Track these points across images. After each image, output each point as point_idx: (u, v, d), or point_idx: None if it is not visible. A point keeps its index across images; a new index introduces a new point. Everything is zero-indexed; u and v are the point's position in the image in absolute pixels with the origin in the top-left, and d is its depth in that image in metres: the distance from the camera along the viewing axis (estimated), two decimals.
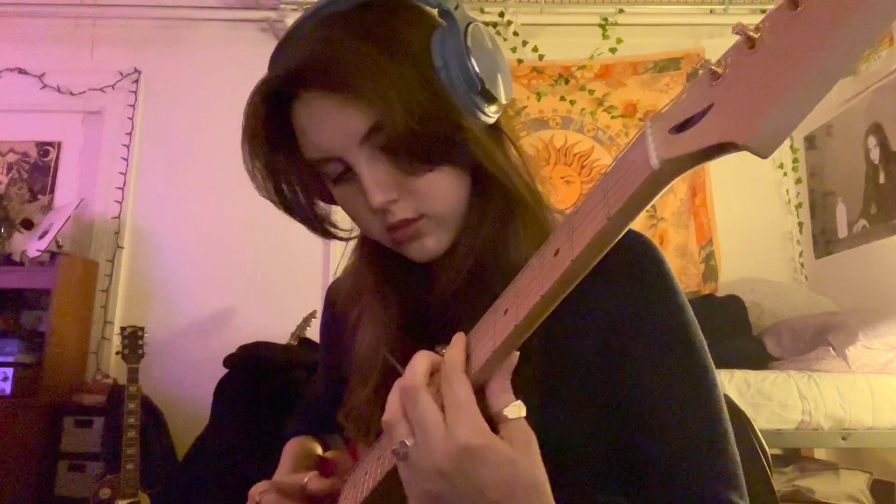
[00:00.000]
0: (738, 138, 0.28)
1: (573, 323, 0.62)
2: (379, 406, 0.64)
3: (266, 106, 0.62)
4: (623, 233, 0.38)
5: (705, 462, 0.56)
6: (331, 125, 0.59)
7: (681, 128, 0.32)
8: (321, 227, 0.71)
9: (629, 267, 0.62)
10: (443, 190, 0.61)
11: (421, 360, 0.49)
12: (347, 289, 0.78)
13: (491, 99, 0.60)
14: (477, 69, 0.58)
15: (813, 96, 0.26)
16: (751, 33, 0.29)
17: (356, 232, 0.73)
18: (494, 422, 0.46)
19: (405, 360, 0.62)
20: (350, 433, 0.70)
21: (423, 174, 0.60)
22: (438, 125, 0.57)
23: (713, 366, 0.61)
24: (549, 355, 0.60)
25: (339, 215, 0.72)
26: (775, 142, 0.27)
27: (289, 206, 0.70)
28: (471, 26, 0.59)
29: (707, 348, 0.61)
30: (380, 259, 0.70)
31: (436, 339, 0.52)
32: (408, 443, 0.46)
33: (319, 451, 0.84)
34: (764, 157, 0.27)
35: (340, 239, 0.74)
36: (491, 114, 0.61)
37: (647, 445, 0.58)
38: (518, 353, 0.47)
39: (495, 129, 0.65)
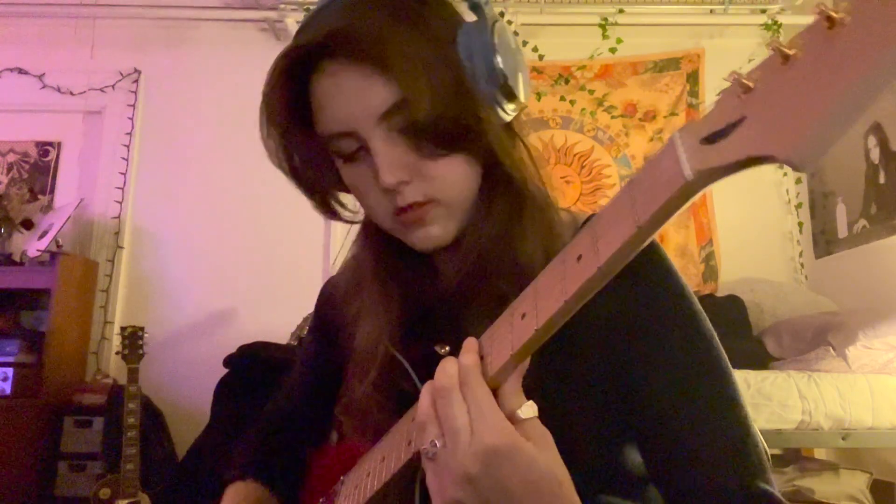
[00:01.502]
0: (777, 152, 0.28)
1: (578, 324, 0.61)
2: (376, 401, 0.64)
3: (288, 75, 0.61)
4: (650, 240, 0.38)
5: (730, 452, 0.56)
6: (352, 98, 0.59)
7: (712, 139, 0.33)
8: (327, 203, 0.70)
9: (636, 268, 0.62)
10: (455, 177, 0.61)
11: (451, 362, 0.49)
12: (346, 282, 0.76)
13: (511, 96, 0.61)
14: (501, 65, 0.59)
15: (854, 114, 0.26)
16: (786, 50, 0.29)
17: (360, 217, 0.72)
18: (510, 423, 0.46)
19: (405, 353, 0.62)
20: (347, 429, 0.69)
21: (437, 159, 0.60)
22: (460, 111, 0.58)
23: (726, 357, 0.60)
24: (553, 354, 0.59)
25: (344, 199, 0.72)
26: (816, 156, 0.27)
27: (298, 177, 0.68)
28: (497, 24, 0.60)
29: (718, 341, 0.61)
30: (383, 249, 0.69)
31: (438, 333, 0.51)
32: (437, 444, 0.46)
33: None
34: (804, 171, 0.28)
35: (344, 221, 0.73)
36: (509, 111, 0.62)
37: (668, 441, 0.57)
38: (529, 357, 0.47)
39: (510, 127, 0.65)
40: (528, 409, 0.47)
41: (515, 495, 0.44)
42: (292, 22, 3.05)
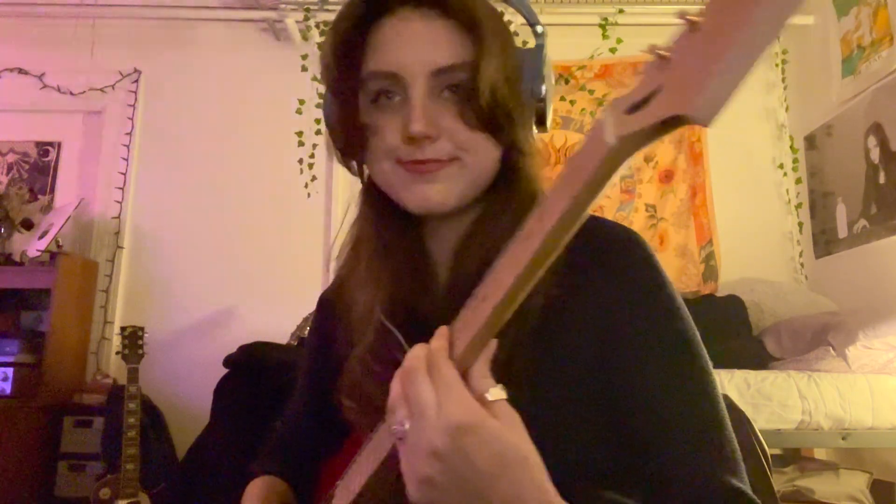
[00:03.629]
0: (682, 110, 0.31)
1: (566, 318, 0.63)
2: (373, 372, 0.65)
3: (364, 7, 0.65)
4: (588, 210, 0.40)
5: (704, 449, 0.57)
6: (418, 44, 0.63)
7: (634, 108, 0.35)
8: (351, 143, 0.68)
9: (619, 263, 0.64)
10: (482, 150, 0.64)
11: (420, 346, 0.50)
12: (345, 258, 0.76)
13: (542, 120, 0.67)
14: (544, 90, 0.66)
15: (742, 67, 0.30)
16: (692, 17, 0.32)
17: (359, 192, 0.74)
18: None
19: (401, 333, 0.63)
20: (350, 415, 0.69)
21: (473, 130, 0.63)
22: (509, 99, 0.62)
23: (706, 353, 0.62)
24: (542, 349, 0.61)
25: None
26: (714, 111, 0.30)
27: (336, 104, 0.68)
28: (547, 57, 0.67)
29: (699, 337, 0.62)
30: (383, 220, 0.70)
31: (435, 326, 0.52)
32: (406, 424, 0.48)
33: (284, 491, 0.81)
34: (705, 125, 0.31)
35: (351, 171, 0.72)
36: (535, 132, 0.69)
37: (643, 435, 0.59)
38: (496, 340, 0.49)
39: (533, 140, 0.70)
40: (497, 392, 0.48)
41: (484, 470, 0.45)
42: (292, 22, 3.05)
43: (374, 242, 0.70)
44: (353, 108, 0.66)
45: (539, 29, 0.68)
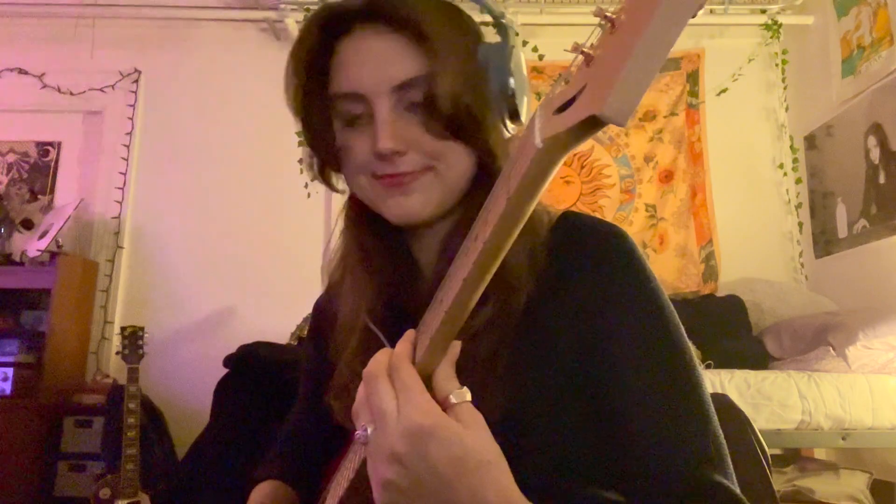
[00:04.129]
0: (596, 110, 0.30)
1: (548, 314, 0.63)
2: (357, 373, 0.65)
3: (321, 30, 0.65)
4: (527, 211, 0.40)
5: (683, 442, 0.56)
6: (376, 62, 0.62)
7: (562, 109, 0.35)
8: (329, 160, 0.70)
9: (599, 257, 0.64)
10: (454, 158, 0.65)
11: (384, 352, 0.51)
12: (333, 268, 0.77)
13: (515, 115, 0.64)
14: (513, 86, 0.62)
15: (649, 67, 0.29)
16: (611, 15, 0.32)
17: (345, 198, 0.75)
18: (442, 408, 0.47)
19: (386, 337, 0.63)
20: (338, 416, 0.70)
21: (440, 139, 0.63)
22: (472, 104, 0.62)
23: (690, 349, 0.61)
24: (525, 346, 0.61)
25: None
26: (626, 110, 0.29)
27: (308, 126, 0.69)
28: (516, 49, 0.65)
29: (683, 332, 0.62)
30: (367, 227, 0.71)
31: (418, 315, 0.52)
32: (368, 429, 0.48)
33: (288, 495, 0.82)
34: (620, 125, 0.30)
35: (334, 189, 0.75)
36: (509, 129, 0.65)
37: (624, 429, 0.58)
38: (460, 342, 0.49)
39: (506, 140, 0.69)
40: (460, 394, 0.48)
41: (444, 473, 0.45)
42: (292, 22, 3.05)
43: (358, 254, 0.71)
44: (327, 131, 0.67)
45: (504, 21, 0.65)
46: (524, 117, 0.65)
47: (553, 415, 0.61)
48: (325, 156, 0.70)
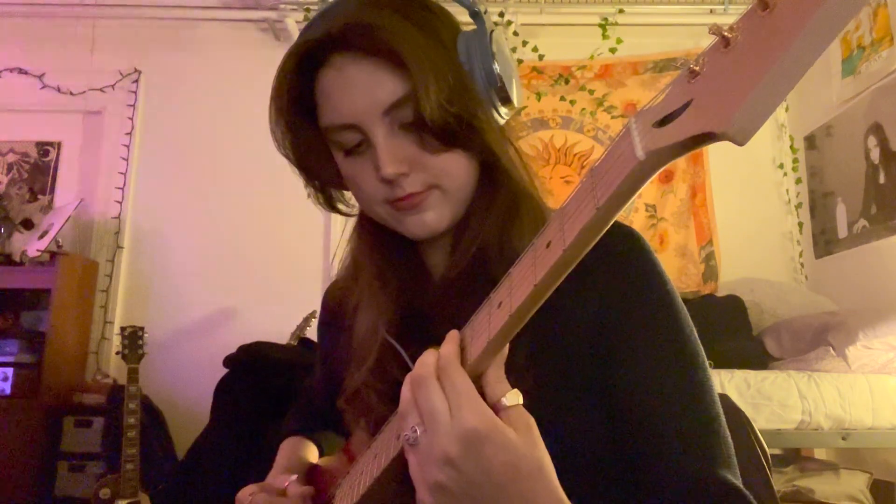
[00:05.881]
0: (715, 128, 0.30)
1: (564, 316, 0.63)
2: (374, 389, 0.66)
3: (299, 67, 0.64)
4: (611, 222, 0.40)
5: (697, 444, 0.57)
6: (360, 90, 0.62)
7: (663, 122, 0.35)
8: (328, 194, 0.73)
9: (616, 260, 0.64)
10: (455, 168, 0.65)
11: (430, 353, 0.50)
12: (344, 279, 0.79)
13: (506, 100, 0.65)
14: (498, 70, 0.63)
15: (784, 87, 0.29)
16: (726, 33, 0.32)
17: (356, 211, 0.75)
18: (493, 411, 0.47)
19: (403, 343, 0.63)
20: (349, 419, 0.71)
21: (439, 153, 0.63)
22: (462, 109, 0.61)
23: (703, 351, 0.62)
24: (541, 348, 0.61)
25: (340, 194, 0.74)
26: (751, 130, 0.29)
27: (302, 167, 0.71)
28: (494, 32, 0.64)
29: (696, 334, 0.63)
30: (379, 241, 0.72)
31: (435, 328, 0.52)
32: (418, 430, 0.47)
33: (313, 455, 0.86)
34: (740, 144, 0.30)
35: (343, 214, 0.76)
36: (503, 114, 0.66)
37: (639, 431, 0.59)
38: (509, 345, 0.49)
39: (503, 131, 0.69)
40: (513, 397, 0.48)
41: (496, 477, 0.45)
42: (292, 22, 3.06)
43: (372, 269, 0.71)
44: (329, 162, 0.68)
45: (476, 8, 0.65)
46: (515, 99, 0.66)
47: (568, 411, 0.61)
48: (335, 185, 0.71)
